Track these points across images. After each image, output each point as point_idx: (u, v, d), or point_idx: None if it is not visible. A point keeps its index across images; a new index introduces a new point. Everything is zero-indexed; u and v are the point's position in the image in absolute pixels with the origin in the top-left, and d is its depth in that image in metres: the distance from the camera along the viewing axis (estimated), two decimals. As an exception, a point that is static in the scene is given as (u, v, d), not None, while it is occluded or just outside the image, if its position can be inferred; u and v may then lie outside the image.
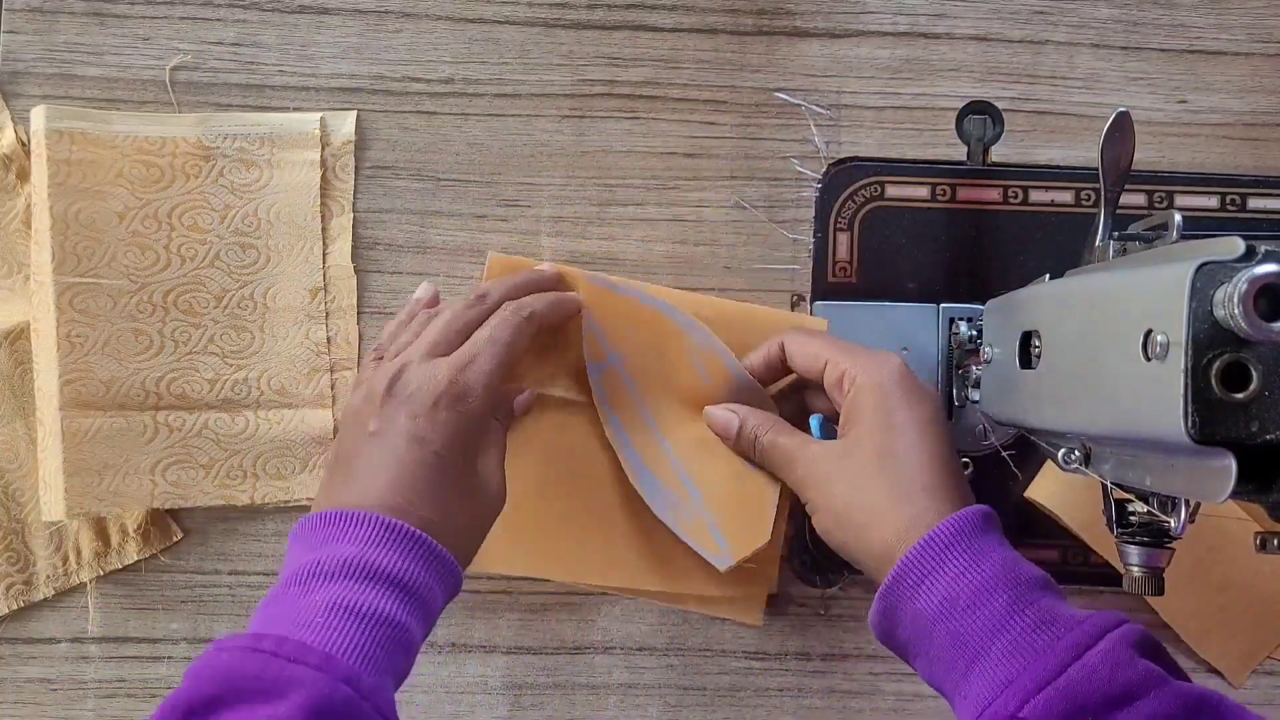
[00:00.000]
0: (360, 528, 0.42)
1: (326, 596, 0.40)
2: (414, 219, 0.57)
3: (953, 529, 0.43)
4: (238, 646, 0.39)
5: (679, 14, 0.57)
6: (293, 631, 0.39)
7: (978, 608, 0.41)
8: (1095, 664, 0.38)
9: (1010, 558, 0.43)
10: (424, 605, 0.43)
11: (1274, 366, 0.31)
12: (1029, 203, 0.57)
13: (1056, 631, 0.40)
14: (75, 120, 0.54)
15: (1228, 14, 0.58)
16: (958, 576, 0.42)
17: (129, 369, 0.54)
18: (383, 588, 0.41)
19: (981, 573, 0.42)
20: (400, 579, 0.42)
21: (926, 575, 0.43)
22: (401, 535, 0.42)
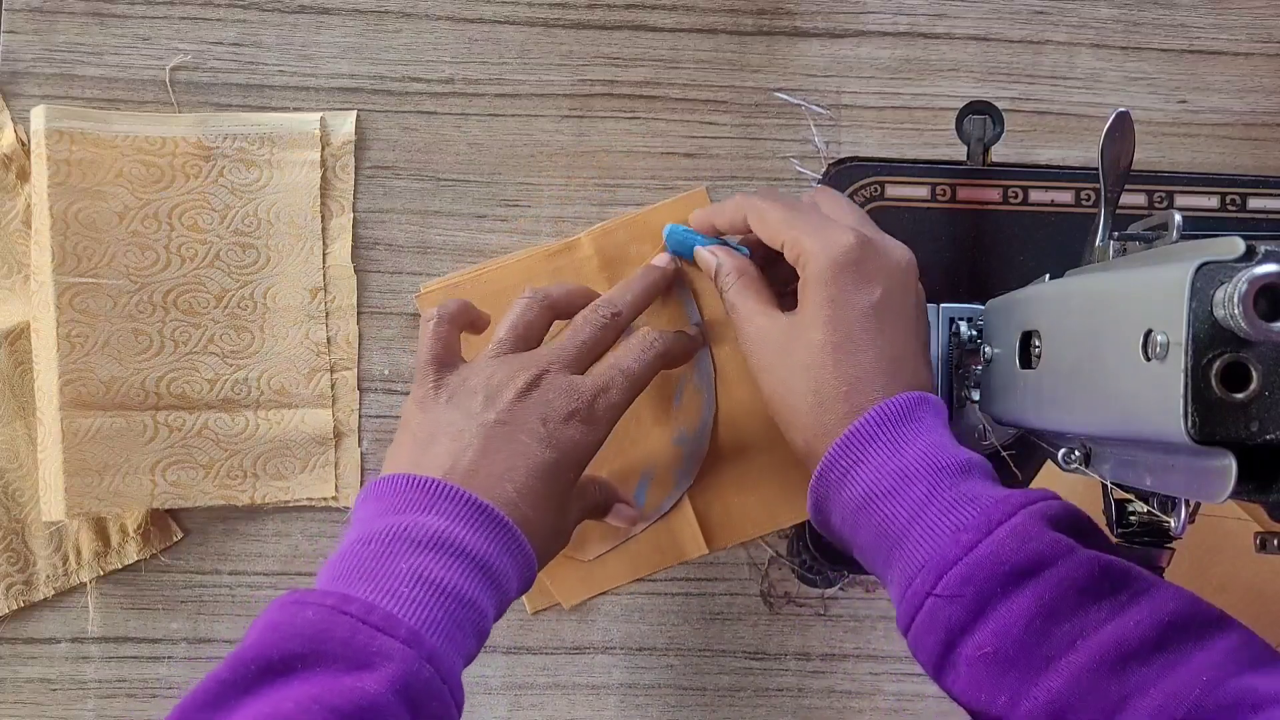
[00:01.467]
0: (451, 502, 0.42)
1: (412, 566, 0.39)
2: (414, 219, 0.57)
3: (877, 418, 0.43)
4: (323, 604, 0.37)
5: (679, 14, 0.57)
6: (379, 598, 0.38)
7: (897, 495, 0.42)
8: (1003, 537, 0.39)
9: (935, 442, 0.43)
10: (501, 594, 0.42)
11: (1274, 366, 0.31)
12: (1029, 203, 0.57)
13: (970, 510, 0.40)
14: (75, 120, 0.54)
15: (1228, 14, 0.58)
16: (880, 466, 0.42)
17: (129, 369, 0.54)
18: (468, 567, 0.41)
19: (902, 459, 0.42)
20: (485, 562, 0.41)
21: (851, 466, 0.43)
22: (493, 519, 0.42)
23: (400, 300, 0.57)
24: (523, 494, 0.44)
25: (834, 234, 0.46)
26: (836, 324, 0.45)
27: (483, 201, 0.57)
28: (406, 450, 0.45)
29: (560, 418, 0.45)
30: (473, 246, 0.57)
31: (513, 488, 0.43)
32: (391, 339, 0.57)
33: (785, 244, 0.48)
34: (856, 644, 0.57)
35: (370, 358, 0.57)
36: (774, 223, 0.48)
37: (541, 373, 0.46)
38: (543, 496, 0.44)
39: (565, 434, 0.45)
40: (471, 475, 0.43)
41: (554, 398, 0.46)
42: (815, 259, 0.46)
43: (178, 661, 0.56)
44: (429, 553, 0.40)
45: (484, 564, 0.41)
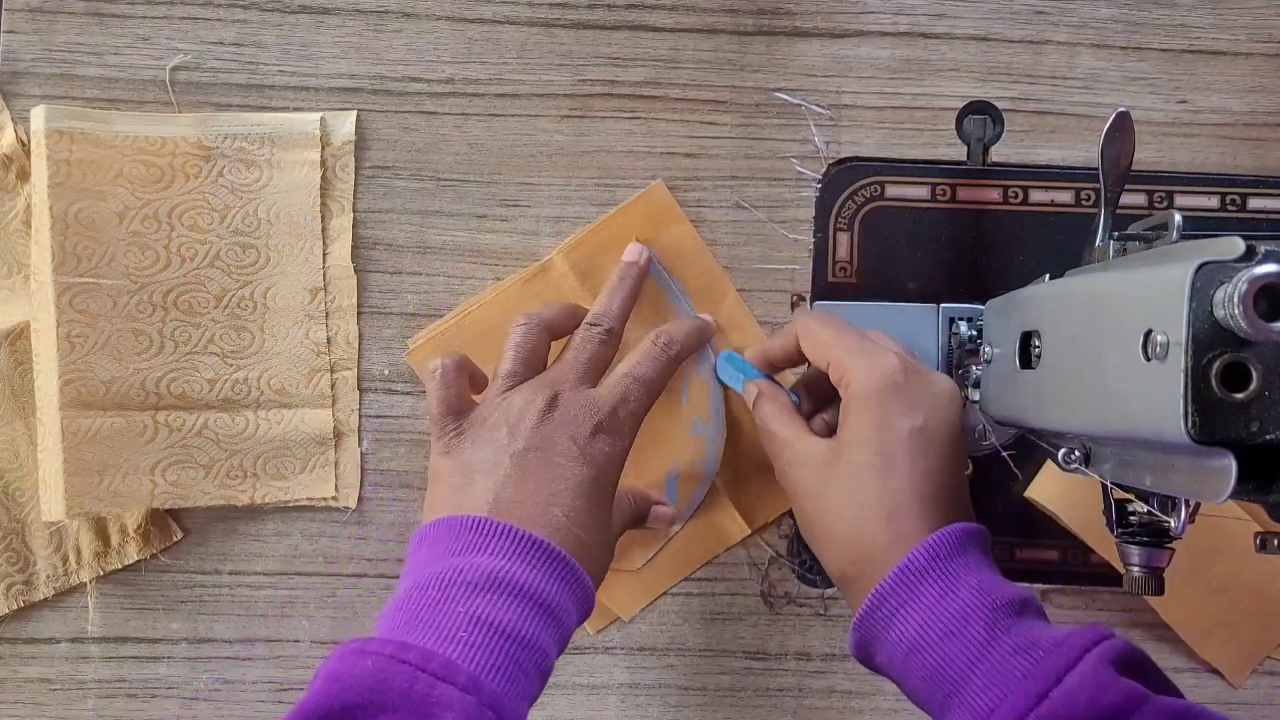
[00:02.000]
0: (503, 540, 0.41)
1: (470, 609, 0.39)
2: (414, 219, 0.57)
3: (927, 554, 0.42)
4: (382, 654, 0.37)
5: (679, 14, 0.57)
6: (437, 645, 0.38)
7: (954, 637, 0.40)
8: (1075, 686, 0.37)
9: (986, 581, 0.42)
10: (562, 629, 0.42)
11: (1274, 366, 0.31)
12: (1029, 203, 0.57)
13: (1036, 656, 0.39)
14: (75, 120, 0.54)
15: (1228, 14, 0.58)
16: (932, 605, 0.41)
17: (129, 369, 0.54)
18: (527, 606, 0.40)
19: (957, 600, 0.41)
20: (544, 599, 0.41)
21: (901, 605, 0.42)
22: (546, 552, 0.41)
23: (400, 300, 0.57)
24: (571, 516, 0.43)
25: (879, 357, 0.46)
26: (879, 446, 0.45)
27: (483, 201, 0.57)
28: (445, 496, 0.45)
29: (587, 433, 0.45)
30: (473, 246, 0.57)
31: (560, 512, 0.43)
32: (391, 339, 0.57)
33: (830, 363, 0.48)
34: (856, 644, 0.57)
35: (370, 358, 0.57)
36: (822, 341, 0.49)
37: (556, 393, 0.46)
38: (589, 514, 0.44)
39: (596, 448, 0.45)
40: (517, 506, 0.43)
41: (576, 414, 0.46)
42: (860, 380, 0.46)
43: (178, 661, 0.56)
44: (485, 594, 0.40)
45: (542, 600, 0.40)
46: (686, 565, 0.57)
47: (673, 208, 0.56)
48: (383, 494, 0.57)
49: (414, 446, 0.57)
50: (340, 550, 0.57)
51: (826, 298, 0.57)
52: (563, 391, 0.46)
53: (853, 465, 0.45)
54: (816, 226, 0.57)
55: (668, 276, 0.56)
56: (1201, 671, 0.57)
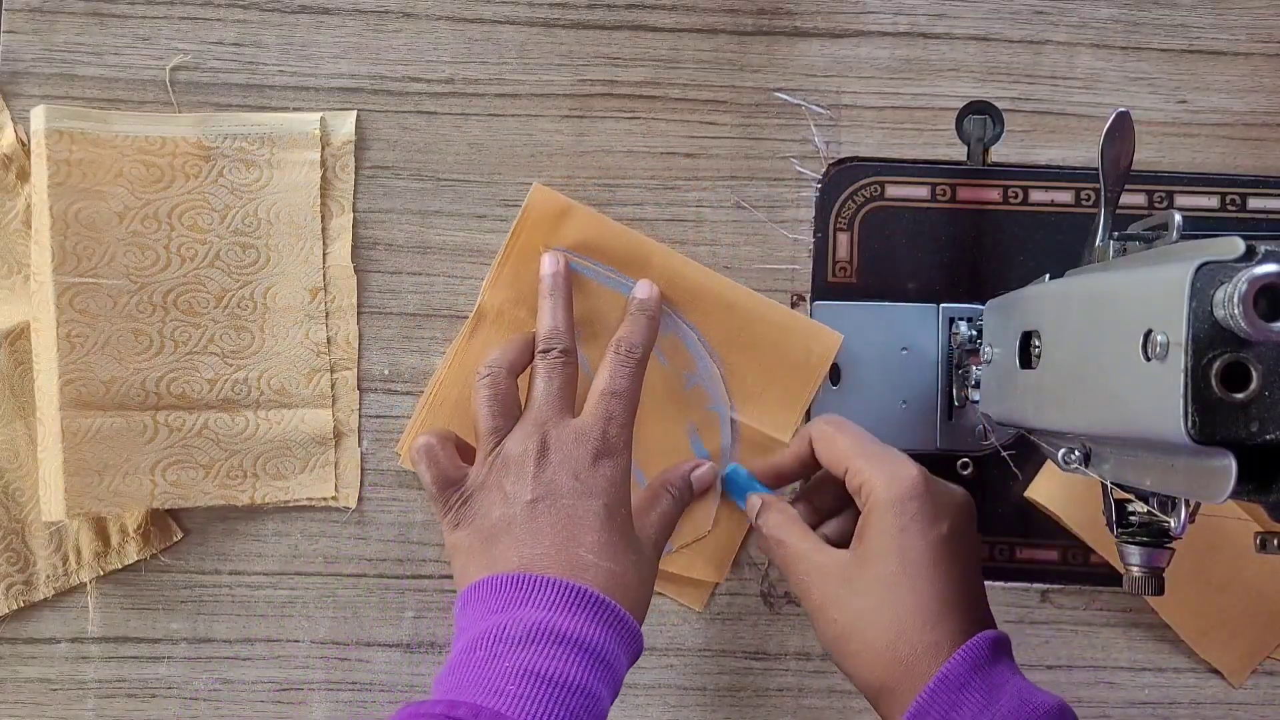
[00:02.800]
0: (542, 591, 0.42)
1: (517, 663, 0.39)
2: (414, 219, 0.57)
3: (966, 664, 0.42)
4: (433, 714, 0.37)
5: (679, 14, 0.57)
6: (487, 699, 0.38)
7: None
8: None
9: (1024, 690, 0.43)
10: (611, 671, 0.42)
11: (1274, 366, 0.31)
12: (1029, 203, 0.57)
13: None
14: (75, 120, 0.54)
15: (1228, 14, 0.58)
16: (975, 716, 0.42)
17: (129, 369, 0.54)
18: (572, 653, 0.40)
19: (999, 710, 0.41)
20: (589, 644, 0.41)
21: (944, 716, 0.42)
22: (585, 599, 0.42)
23: (400, 300, 0.57)
24: (599, 552, 0.44)
25: (900, 466, 0.47)
26: (908, 555, 0.45)
27: (483, 201, 0.57)
28: (474, 564, 0.45)
29: (587, 464, 0.46)
30: (472, 246, 0.57)
31: (585, 551, 0.43)
32: (391, 339, 0.57)
33: (849, 471, 0.48)
34: (856, 644, 0.57)
35: (370, 358, 0.57)
36: (839, 448, 0.49)
37: (544, 433, 0.46)
38: (613, 544, 0.44)
39: (599, 476, 0.46)
40: (543, 558, 0.43)
41: (570, 450, 0.46)
42: (883, 489, 0.46)
43: (178, 661, 0.56)
44: (532, 646, 0.40)
45: (588, 646, 0.41)
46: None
47: (556, 199, 0.56)
48: (382, 494, 0.57)
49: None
50: (340, 550, 0.57)
51: (826, 298, 0.57)
52: (549, 431, 0.47)
53: (881, 575, 0.45)
54: (816, 226, 0.57)
55: (593, 266, 0.56)
56: (1201, 671, 0.57)
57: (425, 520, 0.57)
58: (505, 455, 0.46)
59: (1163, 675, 0.57)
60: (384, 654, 0.57)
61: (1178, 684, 0.57)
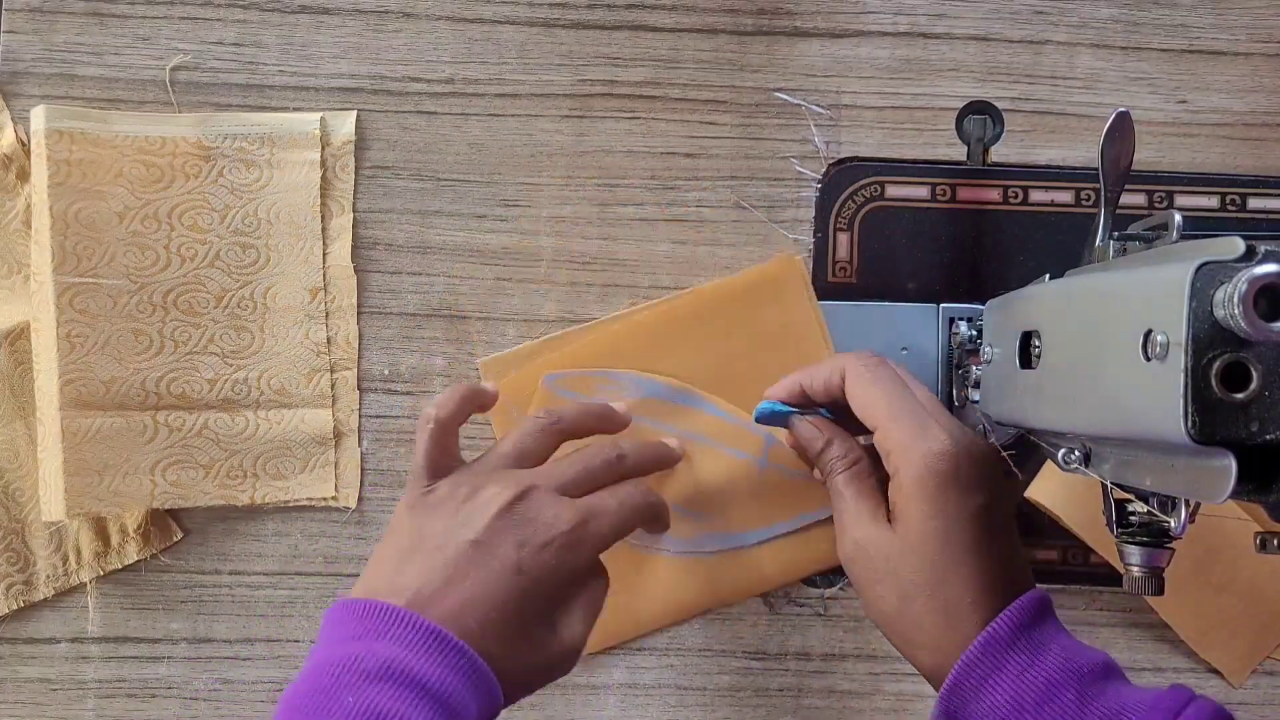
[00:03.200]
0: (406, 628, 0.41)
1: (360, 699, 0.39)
2: (414, 219, 0.57)
3: (1011, 624, 0.42)
4: None
5: (679, 14, 0.57)
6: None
7: (1046, 705, 0.41)
8: None
9: (1070, 647, 0.42)
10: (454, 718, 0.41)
11: (1274, 366, 0.31)
12: (1029, 203, 0.57)
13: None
14: (75, 120, 0.54)
15: (1228, 14, 0.58)
16: (1021, 674, 0.41)
17: (129, 369, 0.54)
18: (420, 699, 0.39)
19: (1045, 668, 0.41)
20: (439, 692, 0.40)
21: (989, 674, 0.42)
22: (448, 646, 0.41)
23: (400, 300, 0.57)
24: (485, 627, 0.42)
25: (930, 437, 0.45)
26: (950, 537, 0.44)
27: (483, 201, 0.57)
28: (386, 563, 0.45)
29: (538, 542, 0.44)
30: (472, 246, 0.57)
31: (474, 621, 0.42)
32: (391, 339, 0.57)
33: (878, 431, 0.46)
34: (856, 644, 0.57)
35: (370, 358, 0.57)
36: (871, 401, 0.47)
37: (528, 489, 0.45)
38: (507, 628, 0.43)
39: (540, 559, 0.44)
40: (437, 602, 0.42)
41: (535, 518, 0.45)
42: (913, 465, 0.45)
43: (178, 661, 0.56)
44: (378, 684, 0.39)
45: (437, 692, 0.40)
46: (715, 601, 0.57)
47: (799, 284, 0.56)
48: (382, 494, 0.57)
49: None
50: (340, 550, 0.57)
51: (826, 298, 0.57)
52: (536, 489, 0.45)
53: (927, 560, 0.44)
54: (816, 226, 0.57)
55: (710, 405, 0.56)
56: (1201, 671, 0.57)
57: (425, 520, 0.57)
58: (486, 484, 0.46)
59: (1163, 675, 0.57)
60: (384, 654, 0.57)
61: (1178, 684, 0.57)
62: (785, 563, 0.56)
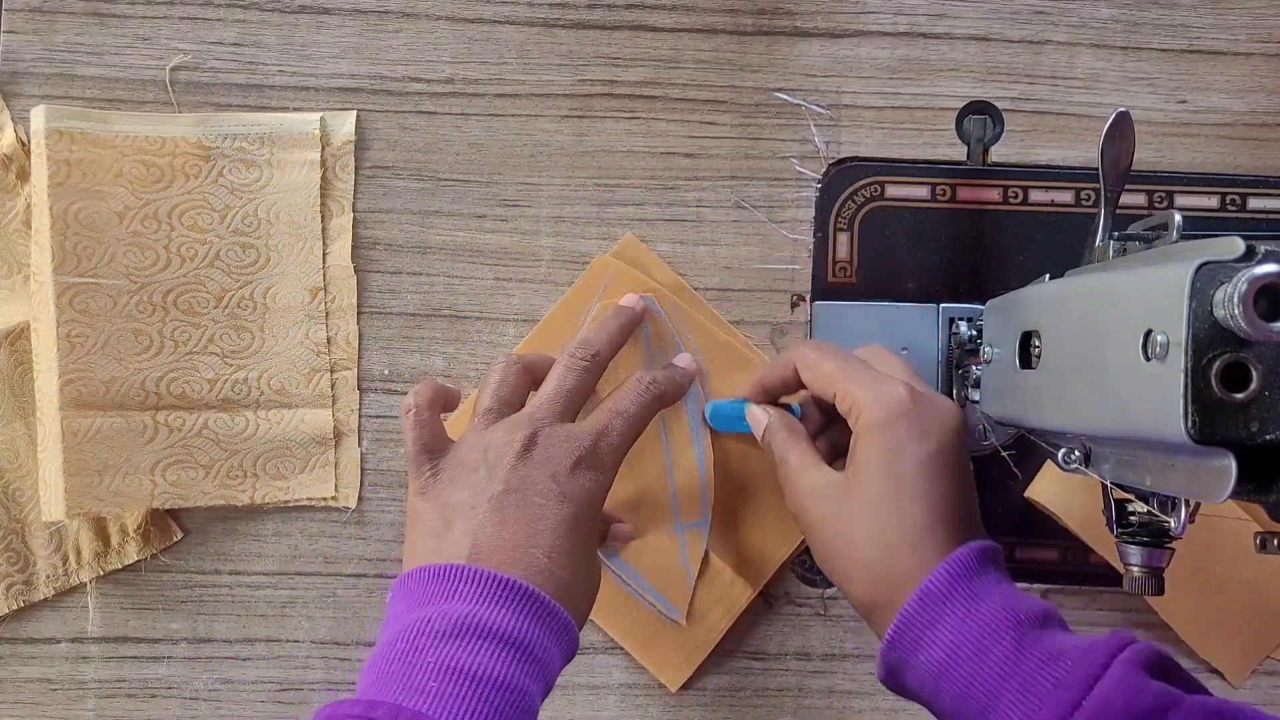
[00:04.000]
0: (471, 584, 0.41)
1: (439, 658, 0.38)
2: (414, 219, 0.57)
3: (947, 576, 0.42)
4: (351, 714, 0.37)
5: (679, 14, 0.57)
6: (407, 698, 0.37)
7: (983, 654, 0.41)
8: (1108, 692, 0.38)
9: (1008, 595, 0.42)
10: (541, 666, 0.41)
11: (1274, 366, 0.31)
12: (1029, 203, 0.57)
13: (1065, 666, 0.39)
14: (75, 120, 0.54)
15: (1228, 14, 0.58)
16: (958, 625, 0.42)
17: (129, 369, 0.54)
18: (498, 648, 0.39)
19: (981, 617, 0.41)
20: (516, 638, 0.40)
21: (927, 628, 0.42)
22: (514, 591, 0.41)
23: (400, 300, 0.57)
24: (553, 557, 0.43)
25: (887, 387, 0.46)
26: (896, 474, 0.45)
27: (483, 201, 0.57)
28: (424, 542, 0.44)
29: (567, 469, 0.45)
30: (473, 246, 0.57)
31: (541, 553, 0.42)
32: (391, 339, 0.57)
33: (837, 395, 0.47)
34: (856, 644, 0.57)
35: (370, 358, 0.57)
36: (826, 373, 0.48)
37: (535, 429, 0.45)
38: (571, 553, 0.43)
39: (577, 484, 0.45)
40: (497, 551, 0.42)
41: (555, 451, 0.45)
42: (870, 410, 0.46)
43: (178, 661, 0.56)
44: (456, 641, 0.39)
45: (516, 641, 0.40)
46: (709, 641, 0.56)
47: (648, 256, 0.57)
48: (382, 494, 0.57)
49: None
50: (340, 550, 0.57)
51: (826, 298, 0.57)
52: (541, 428, 0.46)
53: (870, 495, 0.45)
54: (816, 226, 0.57)
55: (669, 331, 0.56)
56: (1202, 671, 0.57)
57: (425, 520, 0.57)
58: (490, 440, 0.46)
59: (1163, 675, 0.57)
60: (384, 654, 0.57)
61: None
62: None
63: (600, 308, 0.56)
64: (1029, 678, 0.39)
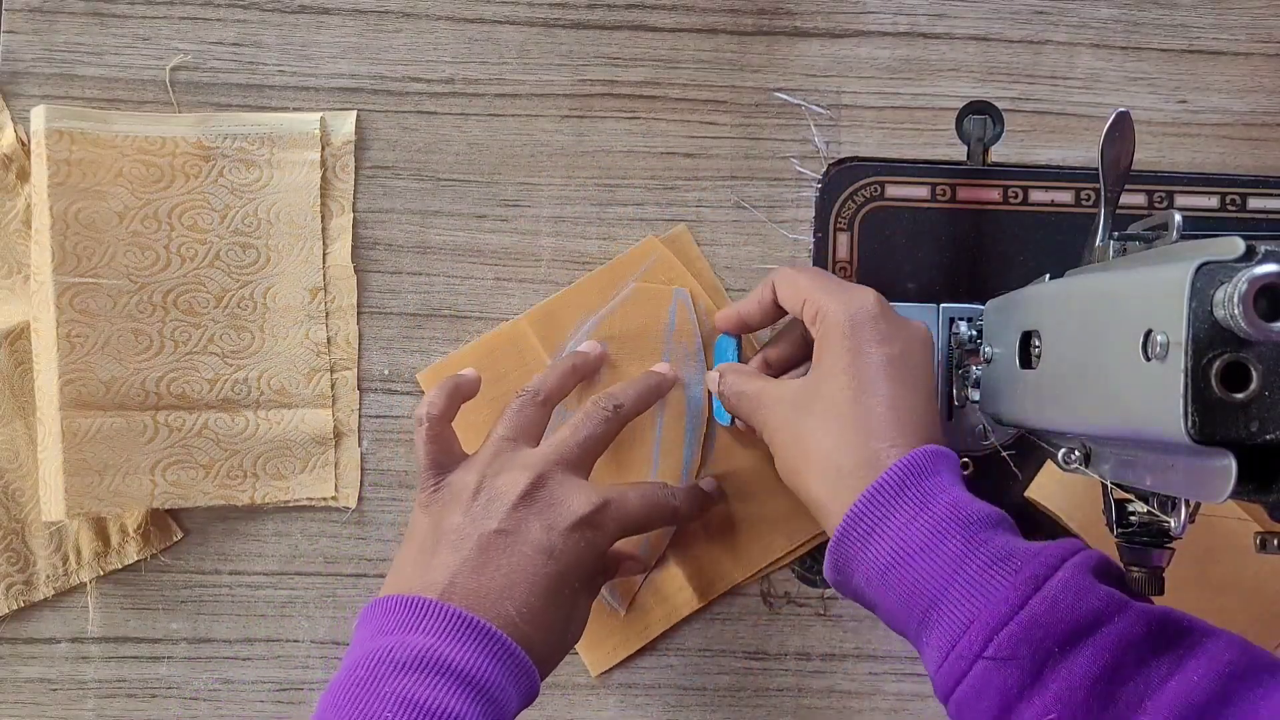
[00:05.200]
0: (437, 619, 0.41)
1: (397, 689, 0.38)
2: (414, 219, 0.57)
3: (899, 474, 0.42)
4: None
5: (679, 14, 0.57)
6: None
7: (930, 552, 0.40)
8: (1056, 593, 0.38)
9: (960, 498, 0.42)
10: (496, 708, 0.41)
11: (1274, 366, 0.31)
12: (1029, 203, 0.57)
13: (1013, 565, 0.39)
14: (75, 120, 0.54)
15: (1228, 14, 0.58)
16: (907, 523, 0.41)
17: (129, 369, 0.54)
18: (457, 686, 0.39)
19: (931, 516, 0.41)
20: (476, 679, 0.40)
21: (876, 524, 0.42)
22: (478, 631, 0.41)
23: (400, 300, 0.57)
24: (523, 613, 0.43)
25: (855, 294, 0.47)
26: (855, 373, 0.45)
27: (483, 201, 0.57)
28: (410, 562, 0.45)
29: (564, 527, 0.44)
30: (473, 246, 0.57)
31: (513, 607, 0.42)
32: (391, 339, 0.57)
33: (806, 303, 0.48)
34: (856, 644, 0.57)
35: (370, 358, 0.57)
36: (800, 285, 0.48)
37: (544, 475, 0.45)
38: (545, 612, 0.43)
39: (569, 543, 0.44)
40: (471, 593, 0.42)
41: (558, 503, 0.45)
42: (835, 313, 0.46)
43: (178, 661, 0.56)
44: (414, 674, 0.39)
45: (473, 679, 0.40)
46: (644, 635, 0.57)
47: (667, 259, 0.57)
48: (382, 494, 0.57)
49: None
50: (340, 550, 0.57)
51: (826, 298, 0.57)
52: (551, 475, 0.46)
53: (829, 393, 0.45)
54: (816, 226, 0.57)
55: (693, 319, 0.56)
56: (1201, 671, 0.57)
57: (425, 520, 0.57)
58: (497, 474, 0.46)
59: (1163, 675, 0.57)
60: (384, 654, 0.57)
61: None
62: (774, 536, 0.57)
63: (634, 289, 0.56)
64: (976, 576, 0.39)
